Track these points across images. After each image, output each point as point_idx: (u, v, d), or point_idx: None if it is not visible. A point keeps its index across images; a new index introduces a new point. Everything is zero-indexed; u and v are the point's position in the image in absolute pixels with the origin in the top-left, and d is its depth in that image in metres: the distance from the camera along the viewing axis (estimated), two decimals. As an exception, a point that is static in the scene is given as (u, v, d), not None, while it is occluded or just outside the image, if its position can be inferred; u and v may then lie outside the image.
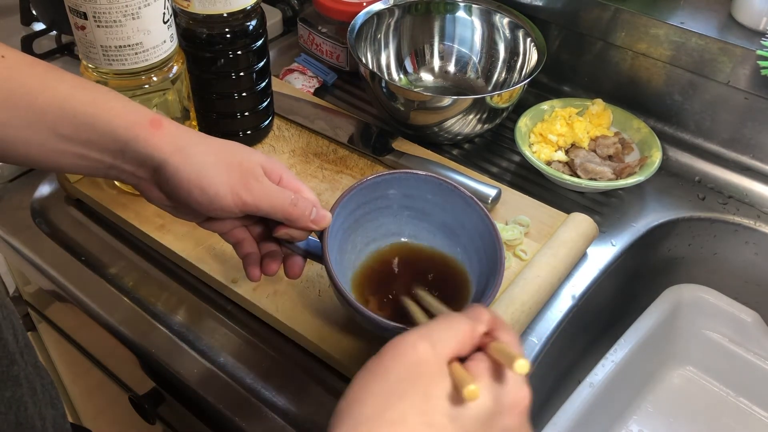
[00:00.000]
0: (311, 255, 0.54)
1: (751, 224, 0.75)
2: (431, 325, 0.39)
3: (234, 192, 0.48)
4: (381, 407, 0.35)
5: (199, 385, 0.58)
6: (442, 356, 0.37)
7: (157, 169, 0.47)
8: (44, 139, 0.45)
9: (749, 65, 0.73)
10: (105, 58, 0.60)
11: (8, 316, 0.45)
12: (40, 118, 0.45)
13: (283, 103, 0.82)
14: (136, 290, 0.65)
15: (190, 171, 0.47)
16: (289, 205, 0.49)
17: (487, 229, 0.55)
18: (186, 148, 0.47)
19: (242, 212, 0.49)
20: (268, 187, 0.49)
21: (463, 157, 0.81)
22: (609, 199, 0.76)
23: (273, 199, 0.49)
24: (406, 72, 0.89)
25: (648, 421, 0.76)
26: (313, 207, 0.50)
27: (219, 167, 0.48)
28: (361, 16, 0.83)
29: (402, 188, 0.58)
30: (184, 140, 0.47)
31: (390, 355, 0.37)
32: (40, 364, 0.49)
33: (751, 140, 0.78)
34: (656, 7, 0.79)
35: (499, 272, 0.52)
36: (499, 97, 0.75)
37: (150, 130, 0.46)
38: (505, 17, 0.85)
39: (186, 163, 0.47)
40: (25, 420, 0.44)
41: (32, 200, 0.74)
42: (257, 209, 0.49)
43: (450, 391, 0.36)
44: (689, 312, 0.78)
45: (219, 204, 0.48)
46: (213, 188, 0.47)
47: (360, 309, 0.49)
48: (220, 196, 0.47)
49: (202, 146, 0.48)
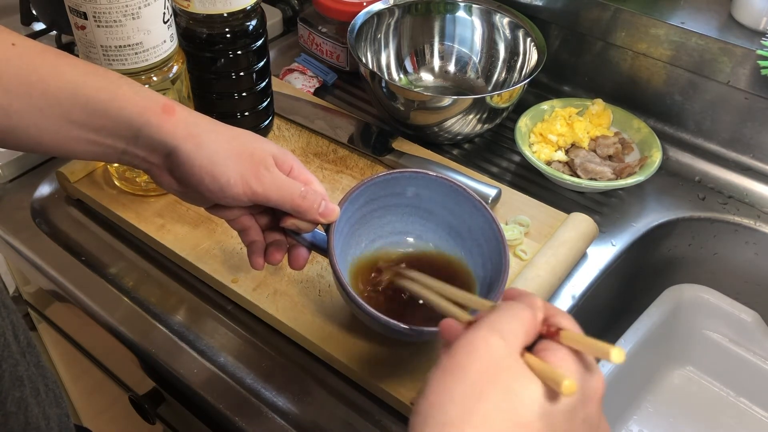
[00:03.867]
0: (316, 248, 0.54)
1: (751, 224, 0.75)
2: (496, 317, 0.37)
3: (244, 181, 0.48)
4: (465, 409, 0.34)
5: (199, 385, 0.58)
6: (515, 349, 0.36)
7: (169, 155, 0.47)
8: (57, 126, 0.45)
9: (749, 65, 0.73)
10: (105, 58, 0.60)
11: (9, 316, 0.45)
12: (53, 104, 0.45)
13: (283, 103, 0.82)
14: (136, 290, 0.65)
15: (202, 158, 0.47)
16: (298, 197, 0.49)
17: (494, 234, 0.55)
18: (198, 135, 0.47)
19: (251, 201, 0.49)
20: (279, 177, 0.49)
21: (463, 157, 0.81)
22: (609, 199, 0.76)
23: (282, 191, 0.49)
24: (406, 72, 0.89)
25: (648, 421, 0.76)
26: (322, 200, 0.50)
27: (231, 156, 0.48)
28: (361, 15, 0.83)
29: (412, 187, 0.58)
30: (196, 127, 0.47)
31: (464, 352, 0.36)
32: (44, 363, 0.49)
33: (751, 140, 0.78)
34: (656, 7, 0.79)
35: (503, 278, 0.52)
36: (499, 97, 0.75)
37: (162, 117, 0.46)
38: (505, 17, 0.85)
39: (198, 150, 0.47)
40: (31, 420, 0.44)
41: (32, 200, 0.74)
42: (266, 199, 0.49)
43: (534, 387, 0.35)
44: (689, 312, 0.78)
45: (229, 192, 0.48)
46: (224, 177, 0.47)
47: (362, 305, 0.49)
48: (230, 184, 0.48)
49: (214, 134, 0.48)
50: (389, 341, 0.58)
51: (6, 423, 0.43)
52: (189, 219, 0.68)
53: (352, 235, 0.57)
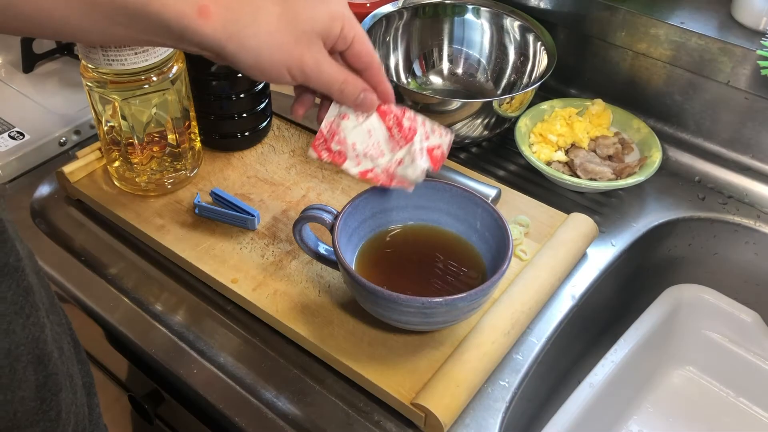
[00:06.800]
0: (323, 259, 0.60)
1: (751, 224, 0.75)
2: None
3: (290, 72, 0.49)
4: None
5: (198, 385, 0.58)
6: None
7: (218, 55, 0.48)
8: (103, 28, 0.45)
9: (749, 65, 0.73)
10: (105, 58, 0.60)
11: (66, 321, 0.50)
12: (96, 9, 0.44)
13: (283, 103, 0.82)
14: (136, 290, 0.65)
15: (247, 57, 0.48)
16: (336, 90, 0.52)
17: (495, 222, 0.58)
18: (239, 33, 0.47)
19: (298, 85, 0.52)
20: (322, 67, 0.50)
21: (469, 160, 0.81)
22: (609, 199, 0.76)
23: (323, 83, 0.51)
24: (414, 75, 0.89)
25: (648, 421, 0.76)
26: (361, 92, 0.52)
27: (273, 50, 0.48)
28: (369, 18, 0.83)
29: (414, 196, 0.60)
30: (236, 24, 0.47)
31: None
32: (84, 358, 0.53)
33: (751, 140, 0.78)
34: (656, 7, 0.79)
35: (509, 246, 0.55)
36: (508, 105, 0.75)
37: (199, 21, 0.45)
38: (516, 20, 0.85)
39: (242, 50, 0.47)
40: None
41: (32, 200, 0.74)
42: (310, 86, 0.52)
43: None
44: (689, 312, 0.78)
45: (277, 81, 0.50)
46: (269, 72, 0.49)
47: (370, 285, 0.52)
48: (277, 77, 0.50)
49: (254, 27, 0.47)
50: (389, 341, 0.58)
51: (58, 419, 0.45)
52: (189, 219, 0.68)
53: (357, 240, 0.61)
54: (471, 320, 0.58)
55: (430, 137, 0.55)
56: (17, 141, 0.79)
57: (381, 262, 0.59)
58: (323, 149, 0.55)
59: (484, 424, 0.55)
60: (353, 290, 0.56)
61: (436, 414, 0.52)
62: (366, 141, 0.55)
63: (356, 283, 0.53)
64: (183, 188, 0.72)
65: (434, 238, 0.61)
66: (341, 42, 0.50)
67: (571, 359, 0.75)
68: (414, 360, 0.56)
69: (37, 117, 0.83)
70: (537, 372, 0.60)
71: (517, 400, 0.57)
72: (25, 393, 0.43)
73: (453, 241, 0.61)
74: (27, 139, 0.79)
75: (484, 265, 0.59)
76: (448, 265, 0.60)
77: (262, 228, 0.68)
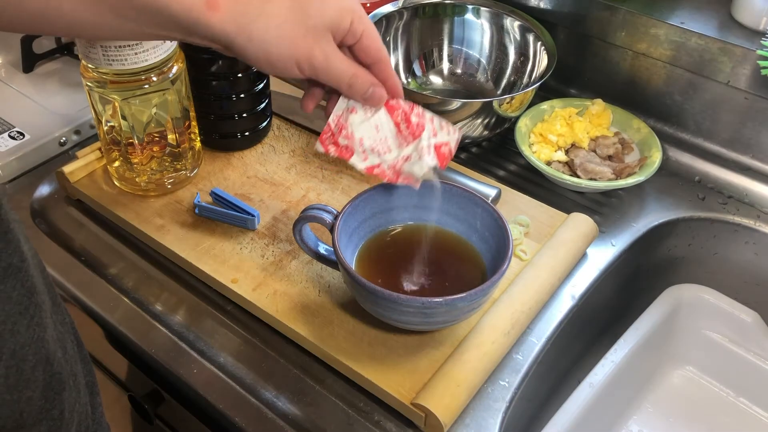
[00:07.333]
0: (323, 259, 0.59)
1: (751, 224, 0.75)
2: None
3: (299, 65, 0.49)
4: None
5: (198, 385, 0.58)
6: None
7: (227, 48, 0.48)
8: (113, 23, 0.45)
9: (749, 65, 0.73)
10: (105, 58, 0.60)
11: (69, 321, 0.50)
12: (105, 3, 0.44)
13: (283, 103, 0.82)
14: (136, 290, 0.65)
15: (256, 50, 0.47)
16: (345, 85, 0.52)
17: (495, 221, 0.58)
18: (248, 26, 0.47)
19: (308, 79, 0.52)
20: (331, 61, 0.50)
21: (469, 160, 0.81)
22: (609, 199, 0.76)
23: (332, 77, 0.51)
24: (414, 75, 0.89)
25: (648, 421, 0.76)
26: (370, 87, 0.52)
27: (282, 43, 0.48)
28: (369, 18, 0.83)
29: (415, 196, 0.60)
30: (245, 17, 0.47)
31: None
32: (87, 357, 0.53)
33: (751, 140, 0.78)
34: (656, 7, 0.79)
35: (508, 245, 0.55)
36: (508, 105, 0.74)
37: (207, 14, 0.45)
38: (516, 20, 0.85)
39: (251, 43, 0.47)
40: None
41: (32, 200, 0.74)
42: (318, 80, 0.51)
43: None
44: (689, 312, 0.78)
45: (286, 75, 0.50)
46: (278, 66, 0.49)
47: (370, 285, 0.52)
48: (285, 70, 0.49)
49: (263, 19, 0.47)
50: (389, 341, 0.58)
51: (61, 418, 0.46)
52: (189, 219, 0.68)
53: (361, 240, 0.61)
54: (471, 320, 0.58)
55: (438, 134, 0.55)
56: (17, 141, 0.79)
57: (381, 262, 0.59)
58: (330, 143, 0.55)
59: (484, 424, 0.55)
60: (353, 290, 0.56)
61: (436, 414, 0.52)
62: (374, 136, 0.54)
63: (356, 283, 0.53)
64: (183, 188, 0.72)
65: (434, 238, 0.61)
66: (350, 36, 0.50)
67: (571, 359, 0.75)
68: (414, 360, 0.56)
69: (37, 117, 0.83)
70: (537, 372, 0.60)
71: (517, 400, 0.57)
72: (32, 393, 0.43)
73: (453, 241, 0.61)
74: (27, 139, 0.79)
75: (484, 265, 0.59)
76: (448, 265, 0.60)
77: (262, 228, 0.68)
